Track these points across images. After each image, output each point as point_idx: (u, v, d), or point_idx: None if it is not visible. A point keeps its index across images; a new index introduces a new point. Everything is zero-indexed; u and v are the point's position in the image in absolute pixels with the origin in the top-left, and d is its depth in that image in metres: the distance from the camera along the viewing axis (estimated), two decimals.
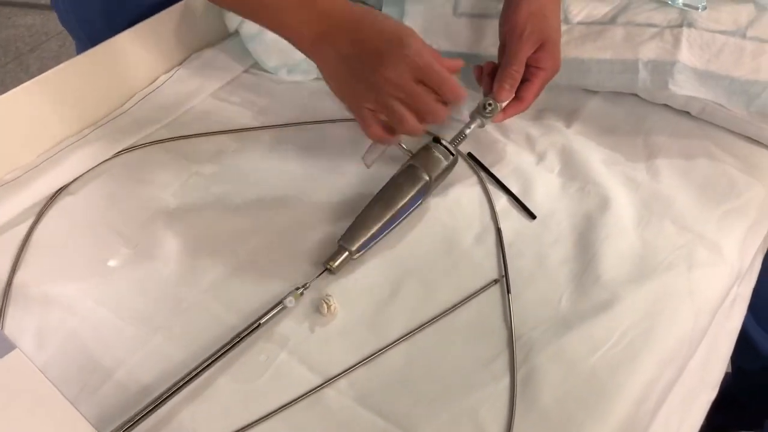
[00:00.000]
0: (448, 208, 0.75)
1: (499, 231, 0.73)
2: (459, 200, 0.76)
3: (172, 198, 0.74)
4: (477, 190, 0.78)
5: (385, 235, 0.69)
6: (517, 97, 0.74)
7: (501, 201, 0.76)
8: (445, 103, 0.66)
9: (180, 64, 0.86)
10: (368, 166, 0.73)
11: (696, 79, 0.79)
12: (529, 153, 0.82)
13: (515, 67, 0.72)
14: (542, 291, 0.68)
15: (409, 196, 0.70)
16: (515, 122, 0.84)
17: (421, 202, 0.72)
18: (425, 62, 0.63)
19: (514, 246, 0.72)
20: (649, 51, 0.80)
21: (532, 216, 0.75)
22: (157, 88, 0.83)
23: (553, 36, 0.74)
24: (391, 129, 0.67)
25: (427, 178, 0.70)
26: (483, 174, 0.79)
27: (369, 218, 0.68)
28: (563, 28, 0.85)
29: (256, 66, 0.89)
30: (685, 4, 0.80)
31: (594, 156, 0.80)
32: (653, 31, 0.81)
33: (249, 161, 0.79)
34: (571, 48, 0.84)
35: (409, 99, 0.64)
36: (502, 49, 0.76)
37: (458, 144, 0.74)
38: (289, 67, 0.88)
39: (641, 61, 0.81)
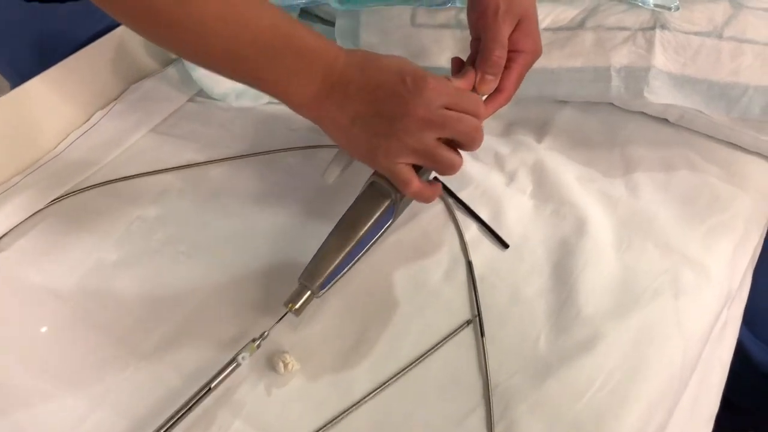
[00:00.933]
0: (413, 241, 0.70)
1: (469, 264, 0.67)
2: (425, 231, 0.70)
3: (113, 248, 0.68)
4: (444, 218, 0.72)
5: (352, 266, 0.62)
6: (496, 88, 0.64)
7: (471, 229, 0.71)
8: None
9: (117, 98, 0.80)
10: (329, 182, 0.65)
11: (672, 85, 0.74)
12: (498, 173, 0.76)
13: (498, 51, 0.62)
14: (519, 330, 0.63)
15: (374, 219, 0.62)
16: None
17: (390, 224, 0.65)
18: (453, 88, 0.57)
19: (487, 280, 0.66)
20: (622, 57, 0.75)
21: (505, 245, 0.69)
22: (93, 126, 0.76)
23: (531, 12, 0.65)
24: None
25: (394, 195, 0.62)
26: (450, 200, 0.73)
27: (330, 250, 0.60)
28: None
29: (201, 94, 0.83)
30: (656, 5, 0.75)
31: (568, 173, 0.75)
32: (625, 35, 0.76)
33: (196, 201, 0.73)
34: None
35: (450, 127, 0.57)
36: (475, 42, 0.68)
37: None
38: (238, 93, 0.81)
39: (614, 68, 0.75)
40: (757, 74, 0.72)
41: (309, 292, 0.59)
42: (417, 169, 0.60)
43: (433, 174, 0.65)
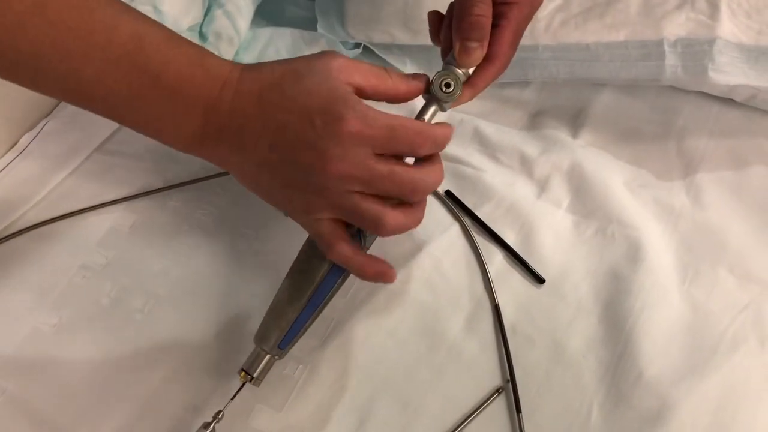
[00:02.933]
0: (425, 278, 0.56)
1: (497, 309, 0.54)
2: (439, 264, 0.56)
3: (51, 312, 0.55)
4: (461, 245, 0.58)
5: (317, 314, 0.49)
6: (485, 55, 0.47)
7: (495, 259, 0.57)
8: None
9: (49, 113, 0.64)
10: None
11: (745, 60, 0.59)
12: (525, 181, 0.61)
13: (477, 9, 0.45)
14: (564, 400, 0.50)
15: (326, 270, 0.47)
16: (503, 136, 0.64)
17: None
18: (381, 125, 0.41)
19: (519, 329, 0.53)
20: (677, 26, 0.60)
21: (540, 280, 0.55)
22: (20, 153, 0.61)
23: None
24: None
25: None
26: (467, 220, 0.59)
27: (283, 301, 0.48)
28: (556, 1, 0.63)
29: None
30: None
31: (613, 177, 0.60)
32: None
33: (152, 240, 0.59)
34: (570, 29, 0.63)
35: (377, 186, 0.42)
36: None
37: None
38: None
39: (667, 42, 0.60)
40: None
41: (267, 356, 0.47)
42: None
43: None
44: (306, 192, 0.43)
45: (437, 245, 0.57)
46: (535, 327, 0.53)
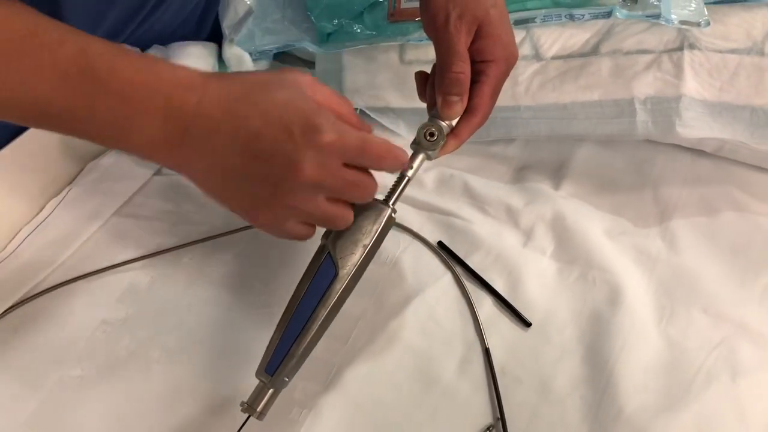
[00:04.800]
0: (420, 324, 0.60)
1: (487, 352, 0.58)
2: (432, 312, 0.61)
3: (74, 364, 0.59)
4: (454, 293, 0.62)
5: (307, 344, 0.49)
6: (467, 108, 0.53)
7: (485, 305, 0.61)
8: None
9: (71, 181, 0.70)
10: None
11: (708, 114, 0.64)
12: (512, 231, 0.66)
13: (456, 66, 0.51)
14: None
15: (310, 280, 0.50)
16: (491, 190, 0.69)
17: (335, 278, 0.50)
18: (355, 137, 0.44)
19: (509, 370, 0.57)
20: (646, 86, 0.65)
21: (527, 323, 0.59)
22: (45, 218, 0.67)
23: (492, 13, 0.53)
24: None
25: (325, 240, 0.50)
26: (458, 269, 0.63)
27: (275, 330, 0.50)
28: (534, 66, 0.68)
29: None
30: (681, 22, 0.64)
31: (594, 226, 0.65)
32: (647, 60, 0.65)
33: (167, 295, 0.63)
34: (547, 90, 0.68)
35: (344, 192, 0.46)
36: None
37: (399, 196, 0.52)
38: None
39: (638, 100, 0.65)
40: None
41: (262, 386, 0.49)
42: None
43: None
44: (274, 203, 0.45)
45: (431, 293, 0.62)
46: (523, 368, 0.57)
